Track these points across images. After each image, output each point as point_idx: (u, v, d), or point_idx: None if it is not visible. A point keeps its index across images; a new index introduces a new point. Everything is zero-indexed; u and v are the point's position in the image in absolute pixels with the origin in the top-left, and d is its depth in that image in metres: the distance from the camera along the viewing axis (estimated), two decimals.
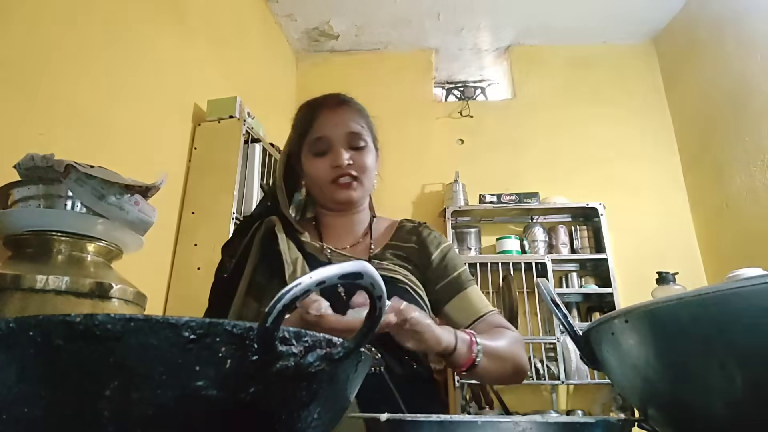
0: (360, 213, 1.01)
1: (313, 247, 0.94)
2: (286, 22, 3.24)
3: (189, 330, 0.27)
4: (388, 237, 0.99)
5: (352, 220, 1.00)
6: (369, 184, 0.97)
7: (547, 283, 0.50)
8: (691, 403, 0.33)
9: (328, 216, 1.00)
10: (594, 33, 3.39)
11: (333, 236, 0.99)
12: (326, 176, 0.92)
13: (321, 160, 0.93)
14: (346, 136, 0.94)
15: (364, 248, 0.97)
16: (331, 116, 0.96)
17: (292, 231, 0.95)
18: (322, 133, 0.94)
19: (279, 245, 0.91)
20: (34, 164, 0.86)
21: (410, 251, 0.96)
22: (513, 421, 0.34)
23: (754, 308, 0.28)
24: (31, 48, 1.34)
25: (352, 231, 1.00)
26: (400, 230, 1.01)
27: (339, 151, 0.92)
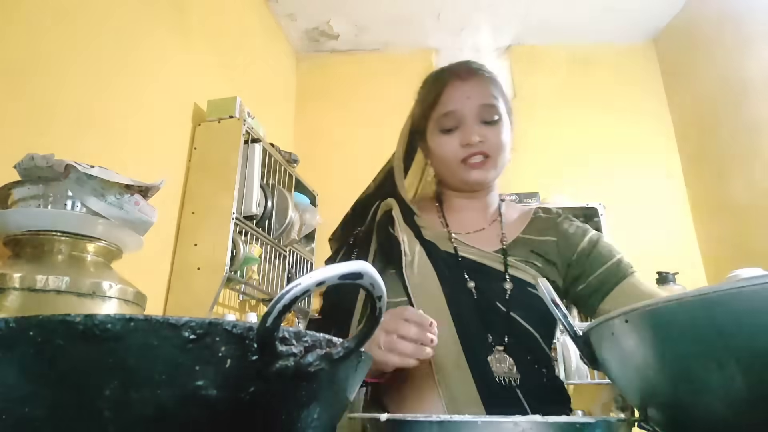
0: (490, 194, 0.92)
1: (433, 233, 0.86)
2: (286, 22, 3.24)
3: (189, 330, 0.27)
4: (521, 227, 0.89)
5: (481, 203, 0.91)
6: (503, 163, 0.88)
7: (547, 283, 0.50)
8: (691, 403, 0.33)
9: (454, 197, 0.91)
10: (594, 33, 3.39)
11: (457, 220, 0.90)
12: (455, 155, 0.84)
13: (449, 137, 0.84)
14: (479, 109, 0.84)
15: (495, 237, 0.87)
16: (461, 87, 0.85)
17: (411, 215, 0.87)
18: (452, 107, 0.84)
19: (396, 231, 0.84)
20: (34, 164, 0.86)
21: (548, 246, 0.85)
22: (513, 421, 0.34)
23: (755, 308, 0.28)
24: (31, 48, 1.33)
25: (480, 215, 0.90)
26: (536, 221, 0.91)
27: (470, 127, 0.83)
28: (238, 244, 1.92)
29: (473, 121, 0.84)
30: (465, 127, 0.83)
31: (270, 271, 2.18)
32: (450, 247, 0.84)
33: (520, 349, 0.77)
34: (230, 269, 1.86)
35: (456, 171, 0.85)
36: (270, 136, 2.40)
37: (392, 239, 0.84)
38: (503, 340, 0.76)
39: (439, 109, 0.86)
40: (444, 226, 0.88)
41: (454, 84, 0.86)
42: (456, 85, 0.86)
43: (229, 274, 1.85)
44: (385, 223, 0.87)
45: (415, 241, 0.84)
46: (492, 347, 0.75)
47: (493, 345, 0.75)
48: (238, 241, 1.92)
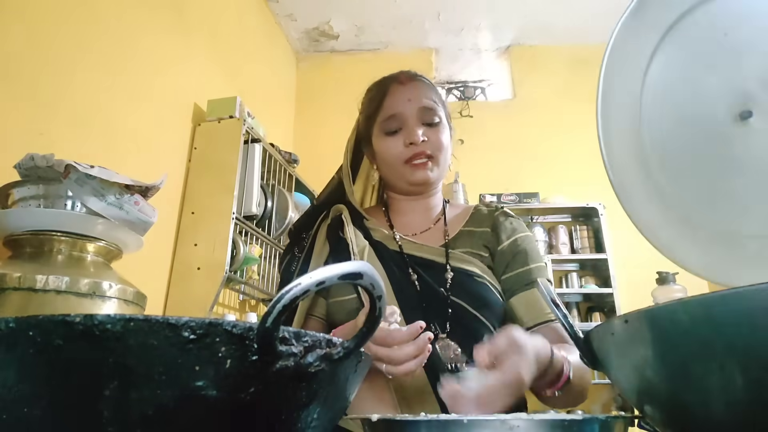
0: (433, 196, 0.95)
1: (381, 234, 0.89)
2: (286, 22, 3.24)
3: (189, 330, 0.27)
4: (462, 222, 0.93)
5: (425, 204, 0.94)
6: (445, 164, 0.91)
7: (547, 283, 0.50)
8: (690, 403, 0.33)
9: (399, 200, 0.95)
10: (594, 33, 3.39)
11: (403, 222, 0.93)
12: (400, 156, 0.87)
13: (394, 139, 0.87)
14: (419, 111, 0.88)
15: (438, 234, 0.91)
16: (402, 91, 0.90)
17: (360, 218, 0.91)
18: (394, 110, 0.88)
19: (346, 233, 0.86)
20: (34, 164, 0.86)
21: (484, 236, 0.89)
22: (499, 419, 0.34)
23: (754, 309, 0.28)
24: (31, 48, 1.34)
25: (424, 216, 0.94)
26: (476, 214, 0.94)
27: (413, 127, 0.86)
28: (238, 244, 1.92)
29: (415, 123, 0.87)
30: (408, 128, 0.87)
31: (270, 271, 2.18)
32: (395, 246, 0.88)
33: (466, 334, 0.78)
34: (230, 269, 1.86)
35: (401, 172, 0.88)
36: (270, 136, 2.40)
37: (342, 241, 0.87)
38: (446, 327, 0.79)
39: (383, 113, 0.90)
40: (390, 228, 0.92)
41: (395, 88, 0.91)
42: (397, 89, 0.91)
43: (229, 274, 1.85)
44: (335, 227, 0.90)
45: (364, 242, 0.87)
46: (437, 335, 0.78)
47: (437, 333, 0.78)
48: (238, 241, 1.92)
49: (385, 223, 0.93)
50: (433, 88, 0.93)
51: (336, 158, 0.99)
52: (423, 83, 0.93)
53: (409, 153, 0.86)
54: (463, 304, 0.80)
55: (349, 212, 0.91)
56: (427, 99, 0.90)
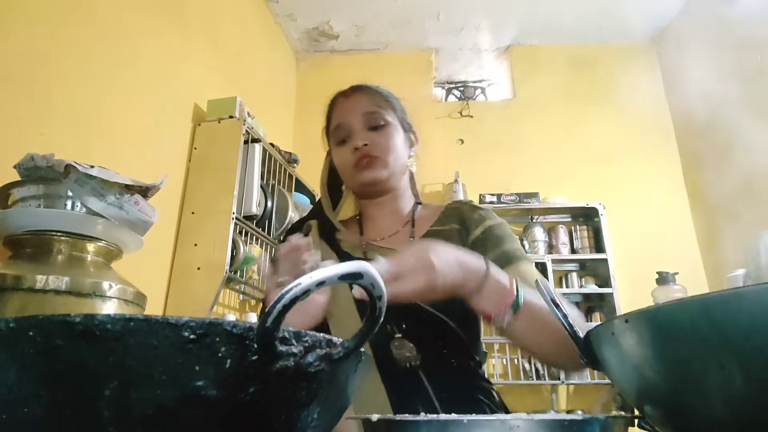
0: (399, 199, 0.97)
1: (349, 243, 0.93)
2: (286, 22, 3.24)
3: (189, 330, 0.27)
4: (431, 222, 0.94)
5: (391, 207, 0.97)
6: (396, 164, 0.93)
7: (547, 283, 0.50)
8: (690, 403, 0.33)
9: (366, 205, 0.98)
10: (594, 33, 3.39)
11: (373, 227, 0.96)
12: (348, 162, 0.91)
13: (343, 148, 0.93)
14: (363, 118, 0.92)
15: (404, 237, 0.93)
16: (345, 103, 0.96)
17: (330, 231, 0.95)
18: (339, 120, 0.94)
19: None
20: (34, 164, 0.86)
21: (451, 235, 0.90)
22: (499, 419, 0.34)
23: (754, 309, 0.28)
24: (31, 48, 1.34)
25: (393, 219, 0.96)
26: (444, 212, 0.96)
27: (357, 134, 0.91)
28: (238, 244, 1.92)
29: (360, 129, 0.92)
30: (353, 135, 0.92)
31: None
32: (360, 252, 0.91)
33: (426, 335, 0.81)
34: (230, 269, 1.86)
35: (352, 176, 0.93)
36: (270, 136, 2.40)
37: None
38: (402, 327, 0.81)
39: (332, 125, 0.96)
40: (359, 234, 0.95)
41: (340, 101, 0.97)
42: (341, 101, 0.97)
43: (229, 274, 1.85)
44: None
45: (331, 253, 0.91)
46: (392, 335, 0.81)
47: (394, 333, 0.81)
48: (238, 241, 1.92)
49: (355, 232, 0.96)
50: (379, 95, 0.97)
51: None
52: (367, 91, 0.97)
53: (355, 158, 0.91)
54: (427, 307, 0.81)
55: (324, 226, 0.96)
56: (370, 105, 0.94)
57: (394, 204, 0.97)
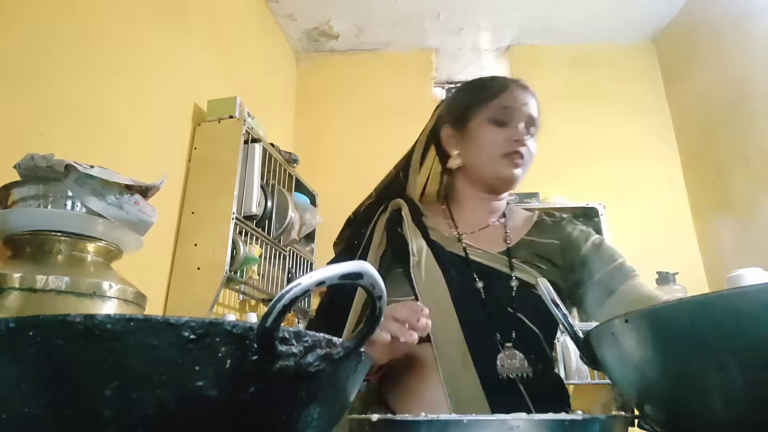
0: (502, 200, 0.97)
1: (440, 233, 0.89)
2: (286, 22, 3.24)
3: (189, 330, 0.27)
4: (525, 229, 0.93)
5: (491, 206, 0.95)
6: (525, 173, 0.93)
7: (547, 283, 0.50)
8: (690, 403, 0.33)
9: (468, 197, 0.95)
10: (594, 33, 3.39)
11: (465, 219, 0.93)
12: (500, 147, 0.89)
13: (500, 130, 0.90)
14: (529, 118, 0.91)
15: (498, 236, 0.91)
16: (522, 94, 0.94)
17: (419, 215, 0.91)
18: (512, 104, 0.91)
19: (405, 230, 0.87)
20: (34, 164, 0.86)
21: (551, 249, 0.89)
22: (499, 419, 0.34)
23: (754, 309, 0.28)
24: (31, 48, 1.33)
25: (487, 216, 0.94)
26: (540, 224, 0.95)
27: (521, 126, 0.89)
28: (238, 244, 1.92)
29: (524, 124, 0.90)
30: (516, 126, 0.89)
31: (270, 271, 2.18)
32: (458, 249, 0.87)
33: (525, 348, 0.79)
34: (230, 269, 1.86)
35: (496, 162, 0.89)
36: (270, 136, 2.40)
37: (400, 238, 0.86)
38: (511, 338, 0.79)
39: (499, 101, 0.91)
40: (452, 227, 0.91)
41: (516, 89, 0.94)
42: (518, 90, 0.94)
43: (229, 274, 1.85)
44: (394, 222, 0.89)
45: (422, 240, 0.86)
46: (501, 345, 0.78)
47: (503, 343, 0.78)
48: (238, 241, 1.92)
49: (443, 221, 0.93)
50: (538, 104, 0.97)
51: (336, 158, 0.99)
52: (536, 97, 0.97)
53: (509, 148, 0.88)
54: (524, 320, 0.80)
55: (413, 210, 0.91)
56: (536, 111, 0.93)
57: (494, 204, 0.96)
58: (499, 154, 0.88)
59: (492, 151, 0.89)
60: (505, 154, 0.88)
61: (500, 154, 0.88)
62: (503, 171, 0.89)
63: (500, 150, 0.88)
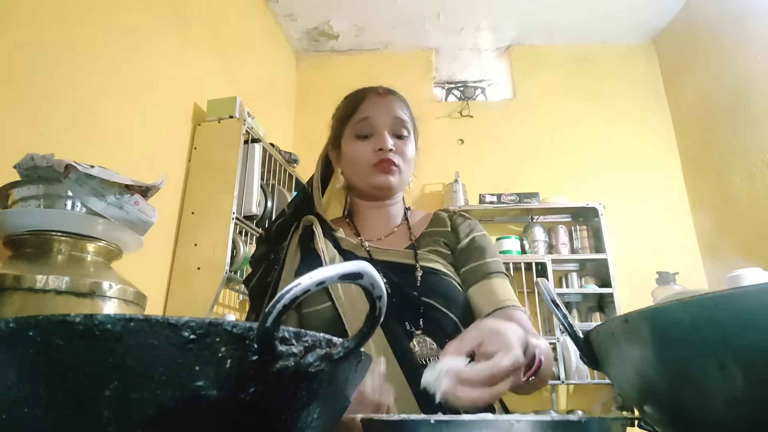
0: (395, 205, 1.00)
1: (349, 243, 0.92)
2: (286, 22, 3.24)
3: (189, 330, 0.27)
4: (425, 225, 0.98)
5: (387, 211, 0.99)
6: (407, 175, 0.96)
7: (547, 283, 0.50)
8: (690, 403, 0.33)
9: (363, 208, 0.99)
10: (594, 33, 3.39)
11: (369, 229, 0.97)
12: (368, 159, 0.91)
13: (364, 143, 0.92)
14: (392, 121, 0.93)
15: (403, 237, 0.96)
16: (378, 101, 0.95)
17: (328, 229, 0.94)
18: (368, 114, 0.93)
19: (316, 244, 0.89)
20: (34, 164, 0.86)
21: (446, 235, 0.95)
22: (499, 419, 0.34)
23: (754, 308, 0.28)
24: (31, 48, 1.34)
25: (387, 222, 0.98)
26: (437, 217, 1.00)
27: (384, 134, 0.91)
28: (238, 244, 1.92)
29: (387, 132, 0.92)
30: (379, 134, 0.91)
31: None
32: (364, 253, 0.90)
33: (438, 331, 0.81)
34: (230, 269, 1.86)
35: (366, 174, 0.92)
36: (270, 136, 2.40)
37: (313, 252, 0.90)
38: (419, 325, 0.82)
39: (357, 116, 0.94)
40: (356, 235, 0.95)
41: (372, 97, 0.96)
42: (374, 98, 0.96)
43: (229, 274, 1.85)
44: (306, 238, 0.93)
45: (334, 251, 0.90)
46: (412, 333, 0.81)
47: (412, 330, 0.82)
48: (238, 241, 1.92)
49: (351, 232, 0.97)
50: (406, 105, 0.98)
51: None
52: (399, 98, 0.98)
53: (376, 158, 0.91)
54: (432, 302, 0.84)
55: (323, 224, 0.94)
56: (401, 112, 0.95)
57: (389, 209, 0.99)
58: (369, 166, 0.91)
59: (362, 165, 0.92)
60: (373, 165, 0.91)
61: (369, 166, 0.91)
62: (376, 181, 0.91)
63: (369, 162, 0.91)
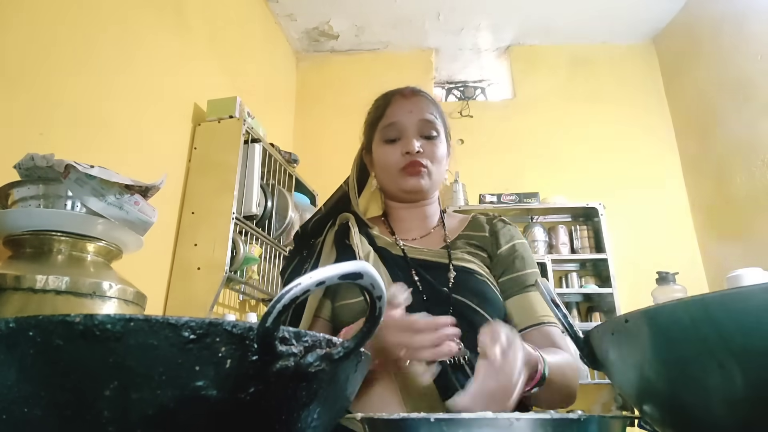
0: (430, 205, 1.00)
1: (384, 240, 0.93)
2: (286, 22, 3.24)
3: (189, 330, 0.27)
4: (461, 228, 0.98)
5: (422, 212, 0.99)
6: (438, 176, 0.95)
7: (547, 283, 0.50)
8: (690, 403, 0.33)
9: (398, 209, 0.99)
10: (594, 33, 3.39)
11: (404, 229, 0.97)
12: (396, 163, 0.91)
13: (392, 147, 0.92)
14: (418, 124, 0.92)
15: (438, 238, 0.95)
16: (404, 103, 0.95)
17: (364, 226, 0.94)
18: (395, 119, 0.93)
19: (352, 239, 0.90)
20: (34, 164, 0.86)
21: (483, 240, 0.94)
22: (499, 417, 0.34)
23: (754, 309, 0.28)
24: (31, 48, 1.34)
25: (423, 223, 0.98)
26: (474, 221, 1.00)
27: (410, 137, 0.91)
28: (238, 244, 1.92)
29: (413, 134, 0.92)
30: (406, 138, 0.92)
31: (270, 271, 2.18)
32: (398, 251, 0.91)
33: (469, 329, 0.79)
34: (230, 269, 1.86)
35: (396, 178, 0.93)
36: (270, 136, 2.40)
37: (348, 248, 0.90)
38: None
39: (384, 120, 0.95)
40: (391, 234, 0.96)
41: (397, 100, 0.96)
42: (399, 101, 0.96)
43: (229, 274, 1.85)
44: (342, 234, 0.94)
45: (368, 247, 0.91)
46: None
47: None
48: (238, 241, 1.92)
49: (386, 231, 0.97)
50: (434, 104, 0.97)
51: (336, 158, 1.00)
52: (425, 98, 0.97)
53: (404, 161, 0.91)
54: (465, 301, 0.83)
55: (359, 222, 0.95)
56: (427, 113, 0.94)
57: (424, 210, 0.99)
58: (397, 170, 0.91)
59: (391, 170, 0.92)
60: (402, 169, 0.91)
61: (398, 170, 0.91)
62: (406, 185, 0.92)
63: (397, 166, 0.91)
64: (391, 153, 0.92)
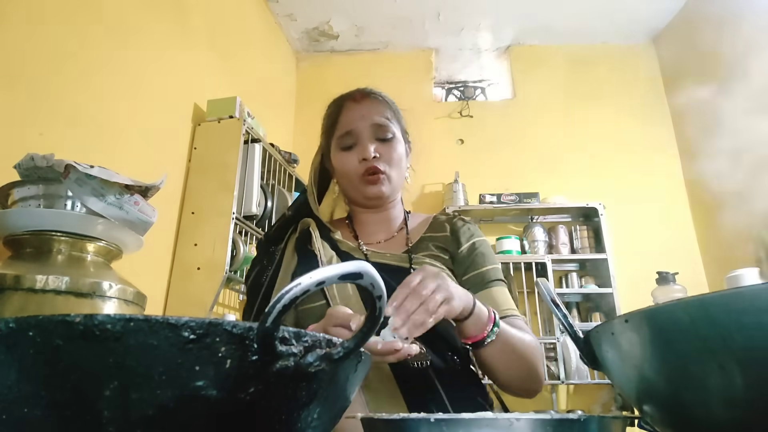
0: (393, 208, 1.00)
1: (347, 245, 0.93)
2: (286, 22, 3.24)
3: (189, 330, 0.27)
4: (423, 230, 0.98)
5: (385, 215, 0.99)
6: (399, 178, 0.95)
7: (547, 283, 0.50)
8: (690, 403, 0.33)
9: (361, 213, 0.99)
10: (594, 33, 3.39)
11: (367, 233, 0.97)
12: (355, 170, 0.91)
13: (349, 154, 0.92)
14: (372, 128, 0.92)
15: (401, 242, 0.95)
16: (356, 108, 0.94)
17: (326, 231, 0.94)
18: (348, 127, 0.92)
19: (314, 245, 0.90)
20: (34, 164, 0.86)
21: (445, 240, 0.95)
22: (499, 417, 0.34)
23: (754, 309, 0.28)
24: (31, 48, 1.34)
25: (386, 227, 0.98)
26: (435, 221, 1.00)
27: (365, 143, 0.90)
28: (238, 244, 1.92)
29: (368, 139, 0.91)
30: (361, 144, 0.91)
31: None
32: (361, 256, 0.91)
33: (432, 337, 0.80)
34: (230, 269, 1.86)
35: (356, 186, 0.92)
36: (270, 136, 2.40)
37: (310, 254, 0.90)
38: None
39: (338, 129, 0.94)
40: (355, 239, 0.96)
41: (349, 106, 0.95)
42: (351, 106, 0.95)
43: (229, 274, 1.85)
44: (303, 240, 0.93)
45: (331, 252, 0.91)
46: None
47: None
48: (238, 241, 1.92)
49: (350, 235, 0.97)
50: (387, 105, 0.97)
51: None
52: (377, 100, 0.96)
53: (362, 168, 0.90)
54: None
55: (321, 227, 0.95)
56: (379, 116, 0.93)
57: (387, 213, 0.99)
58: (357, 177, 0.91)
59: (350, 177, 0.92)
60: (361, 176, 0.90)
61: (357, 177, 0.91)
62: (365, 191, 0.91)
63: (356, 173, 0.91)
64: (348, 160, 0.91)
